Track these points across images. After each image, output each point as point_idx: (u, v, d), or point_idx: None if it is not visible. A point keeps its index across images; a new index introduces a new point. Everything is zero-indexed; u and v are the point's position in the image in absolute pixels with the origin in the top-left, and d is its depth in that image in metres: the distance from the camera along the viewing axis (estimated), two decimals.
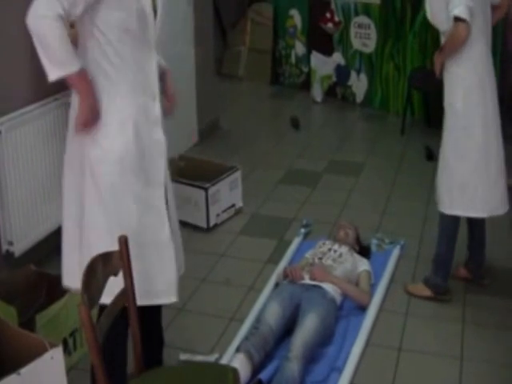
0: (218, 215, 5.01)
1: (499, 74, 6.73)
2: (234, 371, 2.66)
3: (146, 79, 2.88)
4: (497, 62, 6.68)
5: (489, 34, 3.86)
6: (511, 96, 6.89)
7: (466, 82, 3.80)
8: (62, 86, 4.40)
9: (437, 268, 4.07)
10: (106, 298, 2.41)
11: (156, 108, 2.92)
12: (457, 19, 3.62)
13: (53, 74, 2.70)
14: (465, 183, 3.89)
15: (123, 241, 2.45)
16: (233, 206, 5.17)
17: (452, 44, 3.74)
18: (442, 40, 3.88)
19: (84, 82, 2.74)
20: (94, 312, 2.45)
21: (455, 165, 3.90)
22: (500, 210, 4.07)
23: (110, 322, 2.34)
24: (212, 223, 4.98)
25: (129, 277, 2.47)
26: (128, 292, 2.47)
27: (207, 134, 6.87)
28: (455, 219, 3.98)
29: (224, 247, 4.77)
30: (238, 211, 5.23)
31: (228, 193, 5.10)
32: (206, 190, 4.88)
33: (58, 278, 3.52)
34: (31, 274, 3.70)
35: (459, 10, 3.60)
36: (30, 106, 4.24)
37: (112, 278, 2.44)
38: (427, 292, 4.09)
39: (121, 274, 2.48)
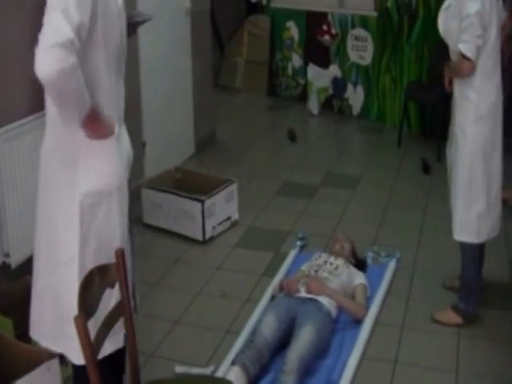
0: (213, 228, 5.05)
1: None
2: None
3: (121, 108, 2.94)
4: None
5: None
6: (509, 109, 6.95)
7: (480, 111, 3.83)
8: None
9: (468, 295, 4.05)
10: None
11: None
12: (463, 55, 3.68)
13: (75, 121, 2.70)
14: (486, 208, 3.97)
15: (120, 253, 2.49)
16: (229, 218, 5.22)
17: (457, 73, 3.83)
18: (452, 55, 3.92)
19: (96, 111, 2.74)
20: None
21: (476, 192, 3.93)
22: (497, 230, 4.15)
23: (106, 334, 2.38)
24: (208, 236, 5.01)
25: (125, 289, 2.51)
26: (124, 304, 2.51)
27: (204, 146, 6.92)
28: (480, 244, 4.04)
29: (220, 260, 4.81)
30: (234, 224, 5.27)
31: (224, 205, 5.15)
32: (202, 202, 4.92)
33: None
34: (28, 286, 3.72)
35: (466, 48, 3.66)
36: (28, 118, 4.26)
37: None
38: (457, 319, 4.04)
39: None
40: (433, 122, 7.15)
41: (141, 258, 4.00)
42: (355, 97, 8.12)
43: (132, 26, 4.40)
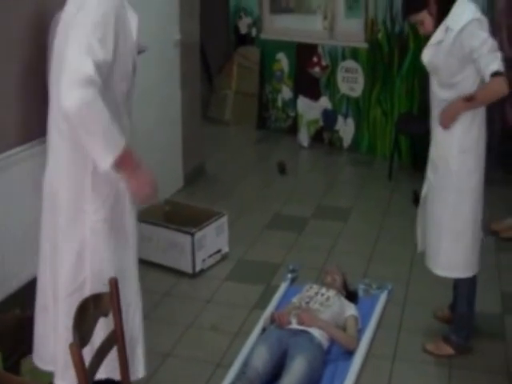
0: (204, 260, 5.15)
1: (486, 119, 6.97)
2: None
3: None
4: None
5: None
6: (499, 141, 7.12)
7: (464, 142, 3.91)
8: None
9: (460, 328, 4.16)
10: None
11: None
12: (495, 74, 3.67)
13: (110, 158, 2.71)
14: (473, 241, 4.05)
15: (113, 283, 2.59)
16: (219, 251, 5.32)
17: (489, 97, 3.79)
18: (434, 87, 3.99)
19: (129, 155, 2.82)
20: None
21: (463, 226, 4.00)
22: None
23: (100, 362, 2.47)
24: (198, 268, 5.11)
25: (118, 318, 2.60)
26: (118, 333, 2.60)
27: (193, 179, 7.03)
28: (473, 277, 4.11)
29: (210, 293, 4.90)
30: (225, 256, 5.37)
31: (214, 238, 5.25)
32: (192, 235, 5.02)
33: None
34: (16, 319, 3.81)
35: (498, 66, 3.66)
36: (16, 149, 4.36)
37: None
38: (449, 350, 4.15)
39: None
40: (423, 153, 7.25)
41: None
42: (346, 129, 8.27)
43: None
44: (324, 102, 8.43)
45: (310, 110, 8.52)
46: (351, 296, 4.57)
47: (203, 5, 7.31)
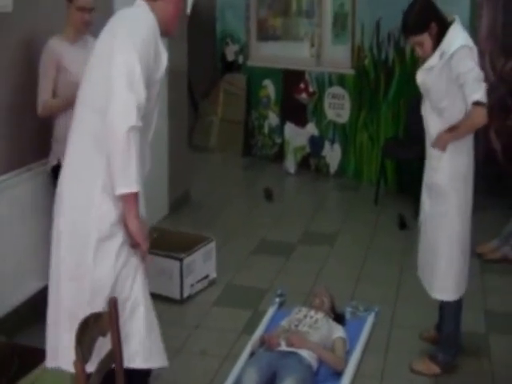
0: (192, 286, 5.27)
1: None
2: None
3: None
4: None
5: None
6: (484, 166, 7.30)
7: (458, 169, 4.13)
8: (35, 156, 4.74)
9: (448, 347, 4.31)
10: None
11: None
12: (476, 103, 3.87)
13: (122, 189, 3.00)
14: (464, 264, 4.26)
15: (112, 303, 2.73)
16: (207, 276, 5.45)
17: (469, 127, 4.02)
18: (425, 111, 4.18)
19: (137, 200, 3.08)
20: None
21: (458, 250, 4.20)
22: None
23: (99, 381, 2.60)
24: (186, 294, 5.22)
25: (117, 338, 2.73)
26: (116, 353, 2.73)
27: (178, 207, 7.16)
28: (459, 298, 4.28)
29: (198, 318, 5.02)
30: (212, 282, 5.50)
31: (202, 264, 5.38)
32: (180, 260, 5.15)
33: (29, 350, 3.76)
34: (2, 346, 3.90)
35: (481, 95, 3.86)
36: (2, 176, 4.50)
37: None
38: (435, 369, 4.29)
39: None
40: (409, 178, 7.48)
41: None
42: (332, 155, 8.45)
43: None
44: (311, 129, 8.63)
45: (296, 136, 8.69)
46: (339, 318, 4.71)
47: (190, 31, 7.49)
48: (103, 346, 2.75)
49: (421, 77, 4.15)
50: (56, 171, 4.66)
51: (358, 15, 8.03)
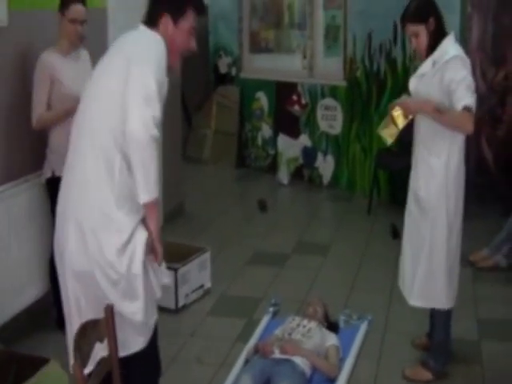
0: (187, 295, 5.36)
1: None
2: None
3: None
4: None
5: None
6: (476, 174, 7.40)
7: (446, 177, 4.16)
8: (32, 167, 4.83)
9: (439, 354, 4.39)
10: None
11: None
12: (466, 109, 3.91)
13: (146, 197, 3.12)
14: (449, 274, 4.30)
15: (109, 310, 2.82)
16: (201, 286, 5.53)
17: (455, 123, 4.04)
18: (419, 122, 4.22)
19: (157, 204, 3.21)
20: None
21: (439, 260, 4.25)
22: None
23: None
24: (181, 304, 5.30)
25: (113, 344, 2.82)
26: (112, 358, 2.82)
27: (172, 218, 7.23)
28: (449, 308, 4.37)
29: (193, 327, 5.10)
30: (207, 292, 5.59)
31: (197, 273, 5.46)
32: (175, 270, 5.23)
33: (27, 358, 3.83)
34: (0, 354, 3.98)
35: (471, 102, 3.91)
36: (1, 187, 4.59)
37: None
38: (428, 375, 4.38)
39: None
40: (402, 188, 7.54)
41: None
42: (325, 166, 8.55)
43: None
44: (304, 140, 8.73)
45: (289, 147, 8.79)
46: (332, 327, 4.77)
47: None
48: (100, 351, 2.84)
49: (413, 84, 4.26)
50: (50, 183, 4.76)
51: (350, 27, 8.15)
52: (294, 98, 8.79)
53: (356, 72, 8.15)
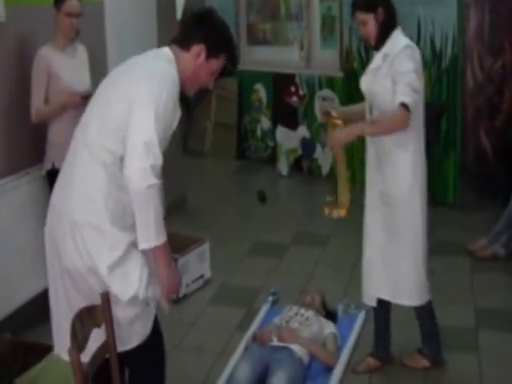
0: (187, 285, 5.44)
1: (461, 143, 7.35)
2: None
3: None
4: (457, 131, 7.30)
5: None
6: (474, 165, 7.47)
7: (415, 169, 4.11)
8: (33, 161, 4.90)
9: (429, 340, 4.43)
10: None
11: None
12: (403, 105, 3.84)
13: (144, 245, 3.03)
14: (426, 270, 4.27)
15: (105, 297, 2.90)
16: (201, 276, 5.61)
17: (389, 125, 3.96)
18: (370, 112, 4.15)
19: (167, 249, 3.11)
20: None
21: (423, 251, 4.22)
22: None
23: (94, 369, 2.77)
24: (181, 294, 5.37)
25: (110, 329, 2.90)
26: (109, 344, 2.90)
27: (174, 210, 7.31)
28: (429, 302, 4.35)
29: (194, 317, 5.18)
30: (207, 282, 5.67)
31: (196, 264, 5.54)
32: (175, 260, 5.30)
33: (32, 345, 3.93)
34: (7, 343, 4.07)
35: (410, 100, 3.83)
36: (1, 181, 4.68)
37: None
38: (424, 363, 4.43)
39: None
40: None
41: None
42: (324, 157, 8.60)
43: None
44: (302, 131, 8.79)
45: (288, 139, 8.86)
46: (330, 315, 4.87)
47: None
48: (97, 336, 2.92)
49: (365, 81, 4.15)
50: (51, 175, 4.85)
51: (346, 18, 8.18)
52: (292, 89, 8.84)
53: (352, 63, 8.21)
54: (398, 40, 4.02)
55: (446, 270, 5.90)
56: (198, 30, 3.26)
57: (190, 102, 10.06)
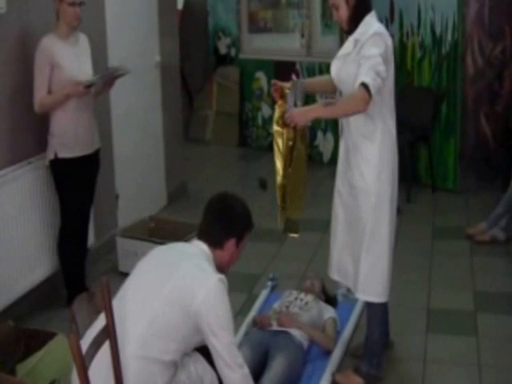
0: None
1: (461, 128, 7.36)
2: None
3: None
4: (457, 116, 7.31)
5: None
6: (474, 150, 7.49)
7: (382, 161, 3.95)
8: (35, 150, 4.94)
9: (371, 356, 4.13)
10: None
11: None
12: (363, 86, 3.67)
13: None
14: (389, 265, 4.07)
15: (105, 282, 2.93)
16: None
17: (347, 106, 3.82)
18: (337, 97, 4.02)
19: None
20: None
21: (382, 248, 4.02)
22: None
23: (94, 354, 2.81)
24: None
25: (110, 314, 2.94)
26: (109, 328, 2.94)
27: (176, 197, 7.37)
28: (385, 304, 4.18)
29: None
30: None
31: None
32: None
33: (35, 332, 3.97)
34: (10, 330, 4.10)
35: (372, 82, 3.65)
36: (4, 170, 4.71)
37: None
38: (358, 381, 4.12)
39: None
40: (401, 164, 7.63)
41: None
42: (325, 144, 8.64)
43: (112, 80, 4.93)
44: None
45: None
46: (330, 300, 4.90)
47: (183, 27, 7.68)
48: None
49: (335, 67, 4.04)
50: (54, 164, 4.89)
51: None
52: (293, 76, 8.84)
53: None
54: (371, 25, 3.86)
55: (446, 254, 5.93)
56: (224, 228, 3.46)
57: (192, 91, 10.10)
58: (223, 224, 3.47)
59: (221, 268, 3.39)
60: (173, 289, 3.14)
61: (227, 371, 3.19)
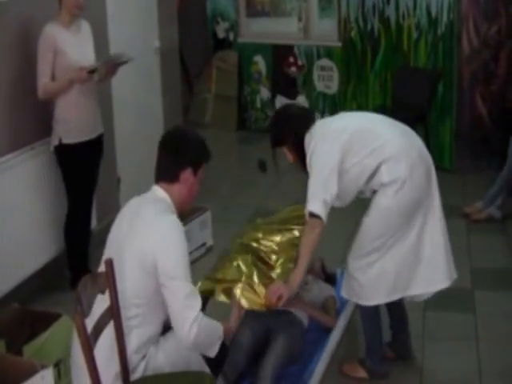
0: (190, 254, 5.46)
1: (457, 108, 7.35)
2: (211, 377, 3.14)
3: None
4: (454, 97, 7.30)
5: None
6: (471, 130, 7.49)
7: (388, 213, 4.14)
8: (38, 135, 4.95)
9: (371, 353, 4.10)
10: None
11: None
12: (311, 215, 3.90)
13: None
14: (396, 271, 3.96)
15: (109, 263, 2.95)
16: (204, 244, 5.66)
17: (307, 246, 4.06)
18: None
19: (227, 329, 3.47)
20: None
21: (383, 256, 4.05)
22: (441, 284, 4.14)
23: (99, 334, 2.83)
24: None
25: (114, 295, 2.96)
26: (113, 309, 2.96)
27: None
28: (376, 309, 4.05)
29: (196, 284, 5.22)
30: (209, 249, 5.72)
31: (199, 232, 5.60)
32: None
33: (40, 314, 3.99)
34: (15, 312, 4.13)
35: (316, 207, 4.00)
36: (7, 156, 4.73)
37: None
38: (362, 373, 4.11)
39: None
40: None
41: None
42: None
43: (114, 67, 4.93)
44: (301, 101, 8.81)
45: None
46: (329, 278, 4.92)
47: (182, 11, 7.66)
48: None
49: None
50: (58, 150, 4.90)
51: None
52: (291, 60, 8.86)
53: (350, 32, 8.20)
54: (308, 145, 4.10)
55: None
56: (177, 159, 3.39)
57: (191, 75, 10.08)
58: (176, 154, 3.41)
59: (183, 204, 3.41)
60: (135, 252, 3.18)
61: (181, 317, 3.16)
